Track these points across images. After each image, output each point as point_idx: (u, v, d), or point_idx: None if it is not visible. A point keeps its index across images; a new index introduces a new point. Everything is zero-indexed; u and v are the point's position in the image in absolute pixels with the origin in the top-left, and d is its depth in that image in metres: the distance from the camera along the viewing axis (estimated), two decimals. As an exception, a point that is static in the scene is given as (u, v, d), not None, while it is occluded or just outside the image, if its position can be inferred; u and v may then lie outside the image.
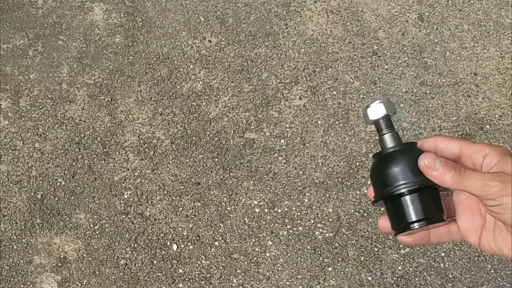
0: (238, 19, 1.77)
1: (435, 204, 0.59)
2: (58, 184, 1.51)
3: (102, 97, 1.63)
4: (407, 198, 0.58)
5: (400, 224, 0.59)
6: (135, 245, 1.45)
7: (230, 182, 1.53)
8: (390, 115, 0.63)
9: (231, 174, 1.54)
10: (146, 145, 1.57)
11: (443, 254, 1.46)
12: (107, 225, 1.47)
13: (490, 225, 0.62)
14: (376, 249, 1.46)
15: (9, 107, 1.61)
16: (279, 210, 1.50)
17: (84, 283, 1.41)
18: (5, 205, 1.49)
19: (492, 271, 1.44)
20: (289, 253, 1.45)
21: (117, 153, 1.56)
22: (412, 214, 0.58)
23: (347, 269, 1.44)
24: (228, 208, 1.50)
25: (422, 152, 0.60)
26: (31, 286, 1.41)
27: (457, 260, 1.45)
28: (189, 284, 1.42)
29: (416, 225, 0.58)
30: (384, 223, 0.61)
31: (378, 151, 0.63)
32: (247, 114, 1.62)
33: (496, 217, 0.58)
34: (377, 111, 0.63)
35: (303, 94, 1.65)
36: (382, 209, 0.62)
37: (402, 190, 0.58)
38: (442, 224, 0.61)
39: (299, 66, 1.69)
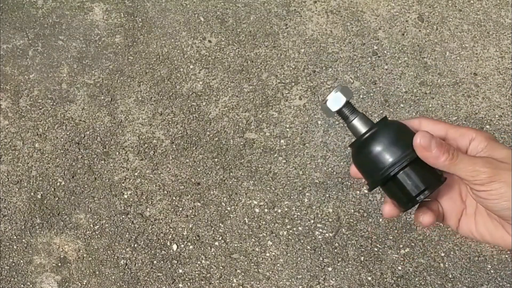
0: (238, 19, 1.77)
1: (429, 170, 0.59)
2: (58, 184, 1.51)
3: (102, 97, 1.63)
4: (403, 175, 0.58)
5: (407, 201, 0.59)
6: (135, 245, 1.45)
7: (230, 182, 1.53)
8: (349, 100, 0.61)
9: (231, 174, 1.54)
10: (146, 145, 1.57)
11: (443, 254, 1.46)
12: (107, 225, 1.47)
13: (471, 210, 0.62)
14: (376, 249, 1.46)
15: (9, 107, 1.61)
16: (279, 210, 1.50)
17: (84, 283, 1.41)
18: (5, 205, 1.49)
19: (492, 271, 1.44)
20: (289, 253, 1.46)
21: (117, 153, 1.56)
22: (414, 188, 0.58)
23: (347, 269, 1.44)
24: (228, 208, 1.50)
25: (398, 124, 0.59)
26: (31, 286, 1.41)
27: (457, 260, 1.45)
28: (189, 284, 1.42)
29: (421, 197, 0.59)
30: (388, 209, 0.61)
31: (353, 139, 0.61)
32: (247, 114, 1.62)
33: (482, 203, 0.58)
34: (336, 100, 0.61)
35: (303, 94, 1.65)
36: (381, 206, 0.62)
37: (396, 170, 0.58)
38: (442, 184, 0.61)
39: (299, 66, 1.69)
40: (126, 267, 1.43)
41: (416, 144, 0.57)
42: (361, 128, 0.60)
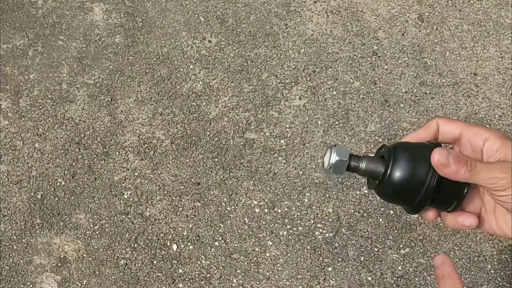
0: (238, 19, 1.77)
1: (454, 183, 0.61)
2: (58, 184, 1.51)
3: (102, 97, 1.63)
4: (435, 198, 0.61)
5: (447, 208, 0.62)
6: (135, 245, 1.45)
7: (230, 182, 1.53)
8: (348, 154, 0.62)
9: (231, 174, 1.54)
10: (146, 145, 1.57)
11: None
12: (107, 225, 1.47)
13: (489, 207, 0.63)
14: (376, 249, 1.46)
15: (9, 107, 1.61)
16: (279, 210, 1.50)
17: (84, 283, 1.41)
18: (5, 205, 1.49)
19: (492, 271, 1.44)
20: (289, 253, 1.45)
21: (117, 153, 1.56)
22: (445, 207, 0.62)
23: (347, 269, 1.44)
24: (228, 208, 1.50)
25: (405, 147, 0.60)
26: (31, 286, 1.41)
27: (457, 260, 1.45)
28: (189, 284, 1.42)
29: (457, 208, 0.62)
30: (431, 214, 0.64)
31: (375, 182, 0.62)
32: (247, 114, 1.62)
33: (504, 206, 0.59)
34: (340, 164, 0.61)
35: (303, 94, 1.65)
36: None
37: (427, 198, 0.60)
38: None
39: (299, 66, 1.69)
40: (126, 267, 1.43)
41: (434, 163, 0.58)
42: (377, 166, 0.61)
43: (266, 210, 1.50)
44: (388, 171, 0.60)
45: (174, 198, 1.51)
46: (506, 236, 0.62)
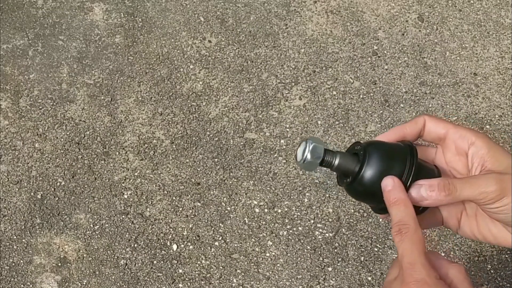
0: (238, 19, 1.77)
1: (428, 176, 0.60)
2: (58, 184, 1.51)
3: (102, 97, 1.63)
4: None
5: (417, 209, 0.61)
6: (135, 245, 1.45)
7: (230, 182, 1.53)
8: (324, 148, 0.60)
9: (231, 174, 1.54)
10: (146, 145, 1.57)
11: (443, 254, 1.46)
12: (107, 225, 1.47)
13: (471, 211, 0.61)
14: (376, 249, 1.46)
15: (9, 107, 1.61)
16: (279, 210, 1.50)
17: (84, 283, 1.41)
18: (5, 205, 1.49)
19: (492, 271, 1.44)
20: (289, 253, 1.45)
21: (117, 153, 1.56)
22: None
23: (347, 269, 1.44)
24: (228, 208, 1.50)
25: (379, 145, 0.59)
26: (31, 286, 1.41)
27: (457, 260, 1.45)
28: (189, 284, 1.42)
29: (425, 211, 0.61)
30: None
31: (347, 180, 0.61)
32: (247, 114, 1.62)
33: (492, 216, 0.58)
34: (315, 152, 0.60)
35: (303, 94, 1.65)
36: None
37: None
38: None
39: (299, 66, 1.69)
40: (126, 267, 1.43)
41: (412, 200, 0.57)
42: (351, 166, 0.60)
43: (266, 210, 1.50)
44: (362, 170, 0.59)
45: (174, 198, 1.51)
46: (487, 241, 0.61)
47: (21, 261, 1.43)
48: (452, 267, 0.55)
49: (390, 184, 0.57)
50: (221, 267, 1.43)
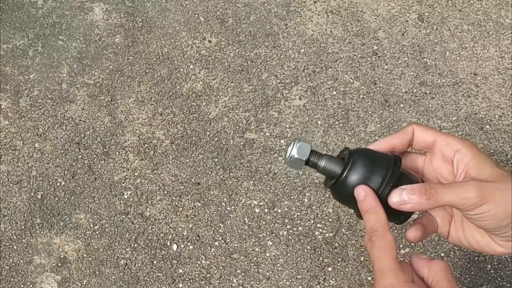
0: (238, 19, 1.77)
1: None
2: (58, 184, 1.51)
3: (102, 97, 1.63)
4: (388, 205, 0.60)
5: (403, 219, 0.62)
6: (135, 245, 1.45)
7: (230, 182, 1.53)
8: (310, 148, 0.62)
9: (231, 174, 1.54)
10: (146, 145, 1.57)
11: (443, 254, 1.46)
12: (107, 225, 1.47)
13: (458, 218, 0.63)
14: (376, 249, 1.46)
15: (9, 107, 1.61)
16: (279, 210, 1.50)
17: (84, 283, 1.41)
18: (5, 205, 1.49)
19: (492, 271, 1.44)
20: (289, 253, 1.46)
21: (117, 153, 1.56)
22: (397, 215, 0.62)
23: (347, 269, 1.44)
24: (228, 208, 1.50)
25: (365, 152, 0.61)
26: (31, 286, 1.41)
27: (457, 260, 1.45)
28: (189, 284, 1.42)
29: (404, 222, 0.62)
30: (413, 234, 0.63)
31: (331, 182, 0.62)
32: (247, 114, 1.62)
33: (474, 223, 0.59)
34: (302, 151, 0.62)
35: (303, 94, 1.65)
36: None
37: (385, 193, 0.60)
38: None
39: (299, 66, 1.69)
40: (126, 267, 1.43)
41: (393, 204, 0.58)
42: (335, 168, 0.61)
43: (266, 210, 1.50)
44: (344, 174, 0.60)
45: (174, 198, 1.51)
46: (471, 248, 0.62)
47: (21, 261, 1.43)
48: (432, 264, 0.57)
49: (361, 194, 0.59)
50: (221, 267, 1.44)
